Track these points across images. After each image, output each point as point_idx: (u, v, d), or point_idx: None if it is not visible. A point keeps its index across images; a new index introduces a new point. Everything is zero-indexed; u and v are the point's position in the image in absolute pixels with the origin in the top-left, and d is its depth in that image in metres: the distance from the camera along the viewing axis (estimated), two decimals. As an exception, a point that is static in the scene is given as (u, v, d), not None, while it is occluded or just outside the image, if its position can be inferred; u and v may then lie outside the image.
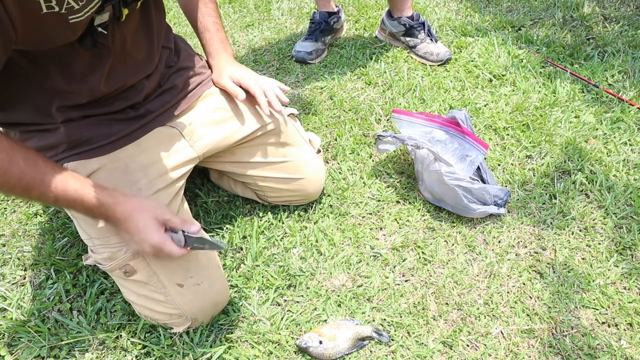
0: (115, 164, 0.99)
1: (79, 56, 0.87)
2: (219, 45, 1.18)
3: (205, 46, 1.20)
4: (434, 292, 1.11)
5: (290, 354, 1.02)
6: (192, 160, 1.10)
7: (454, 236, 1.23)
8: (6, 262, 1.25)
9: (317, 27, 1.99)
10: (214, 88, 1.18)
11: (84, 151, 0.98)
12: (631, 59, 1.79)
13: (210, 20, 1.17)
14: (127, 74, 0.97)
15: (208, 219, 1.32)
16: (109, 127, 1.00)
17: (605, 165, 1.38)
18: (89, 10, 0.78)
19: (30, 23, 0.72)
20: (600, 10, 2.17)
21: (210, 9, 1.18)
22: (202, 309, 1.01)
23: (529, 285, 1.11)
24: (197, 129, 1.10)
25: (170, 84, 1.09)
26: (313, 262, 1.19)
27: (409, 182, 1.39)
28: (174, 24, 2.47)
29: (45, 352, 1.04)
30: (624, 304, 1.06)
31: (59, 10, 0.73)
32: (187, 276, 0.99)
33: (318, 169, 1.27)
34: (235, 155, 1.20)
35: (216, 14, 1.19)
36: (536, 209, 1.28)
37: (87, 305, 1.12)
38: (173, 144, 1.07)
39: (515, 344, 1.01)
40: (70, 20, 0.77)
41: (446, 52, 1.86)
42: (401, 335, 1.04)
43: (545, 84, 1.72)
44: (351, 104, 1.71)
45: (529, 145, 1.47)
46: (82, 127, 0.97)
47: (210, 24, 1.17)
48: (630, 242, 1.18)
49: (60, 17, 0.75)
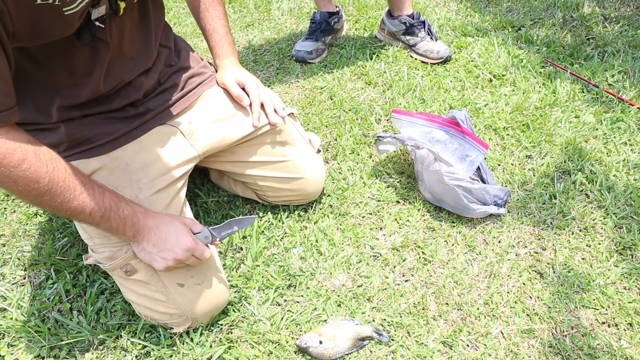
0: (115, 163, 0.99)
1: (79, 52, 0.87)
2: (227, 48, 1.20)
3: (213, 48, 1.21)
4: (434, 292, 1.11)
5: (290, 354, 1.02)
6: (193, 159, 1.10)
7: (454, 236, 1.23)
8: (6, 262, 1.25)
9: (317, 27, 1.99)
10: (215, 88, 1.18)
11: (84, 150, 0.98)
12: (631, 59, 1.80)
13: (220, 23, 1.19)
14: (124, 69, 0.97)
15: (208, 219, 1.32)
16: (109, 126, 1.00)
17: (605, 165, 1.38)
18: (82, 1, 0.78)
19: (25, 14, 0.72)
20: (600, 10, 2.17)
21: (219, 11, 1.19)
22: (202, 309, 1.01)
23: (529, 285, 1.11)
24: (198, 128, 1.11)
25: (171, 83, 1.10)
26: (313, 262, 1.19)
27: (409, 182, 1.39)
28: (174, 24, 2.47)
29: (45, 352, 1.04)
30: (624, 304, 1.06)
31: (53, 2, 0.73)
32: (188, 276, 0.99)
33: (318, 168, 1.27)
34: (235, 155, 1.20)
35: (225, 17, 1.21)
36: (536, 209, 1.28)
37: (87, 305, 1.12)
38: (173, 143, 1.07)
39: (515, 344, 1.01)
40: (65, 12, 0.76)
41: (446, 50, 1.86)
42: (401, 335, 1.04)
43: (545, 84, 1.72)
44: (351, 104, 1.71)
45: (529, 145, 1.47)
46: (82, 126, 0.97)
47: (219, 27, 1.19)
48: (630, 242, 1.18)
49: (55, 9, 0.75)
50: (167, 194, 1.02)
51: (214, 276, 1.03)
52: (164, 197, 1.02)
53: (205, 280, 1.01)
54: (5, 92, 0.72)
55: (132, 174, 0.99)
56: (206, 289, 1.01)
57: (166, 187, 1.02)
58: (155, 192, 1.00)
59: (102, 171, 0.98)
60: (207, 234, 0.96)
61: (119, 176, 0.98)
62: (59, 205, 0.79)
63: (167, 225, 0.92)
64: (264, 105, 1.17)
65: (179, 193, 1.06)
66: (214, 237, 0.98)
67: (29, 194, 0.76)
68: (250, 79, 1.18)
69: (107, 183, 0.94)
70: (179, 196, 1.06)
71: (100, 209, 0.84)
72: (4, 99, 0.72)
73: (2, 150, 0.72)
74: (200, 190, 1.40)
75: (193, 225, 0.96)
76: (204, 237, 0.96)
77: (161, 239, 0.90)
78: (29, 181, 0.74)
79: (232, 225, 0.99)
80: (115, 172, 0.99)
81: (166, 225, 0.92)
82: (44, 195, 0.77)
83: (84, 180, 0.83)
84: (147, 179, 1.00)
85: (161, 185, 1.01)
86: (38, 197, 0.77)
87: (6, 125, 0.73)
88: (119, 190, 0.96)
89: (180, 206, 1.06)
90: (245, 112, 1.17)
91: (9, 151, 0.72)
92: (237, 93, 1.15)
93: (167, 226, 0.92)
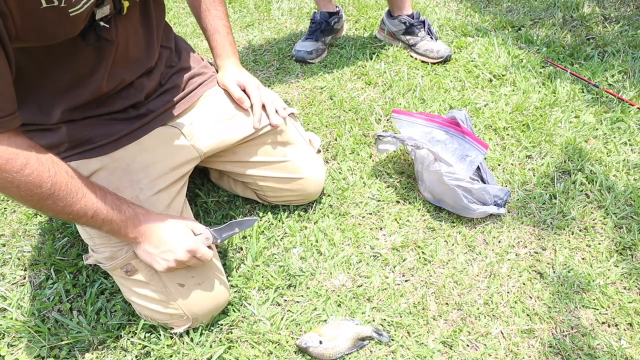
0: (116, 163, 0.99)
1: (83, 53, 0.87)
2: (229, 48, 1.20)
3: (215, 48, 1.21)
4: (434, 292, 1.11)
5: (290, 354, 1.02)
6: (194, 159, 1.10)
7: (454, 236, 1.23)
8: (6, 262, 1.25)
9: (317, 27, 1.99)
10: (215, 88, 1.19)
11: (85, 150, 0.98)
12: (631, 59, 1.80)
13: (221, 23, 1.18)
14: (127, 69, 0.97)
15: (208, 219, 1.32)
16: (110, 127, 1.00)
17: (605, 165, 1.38)
18: (87, 2, 0.78)
19: (30, 18, 0.72)
20: (600, 10, 2.17)
21: (220, 11, 1.19)
22: (202, 309, 1.01)
23: (529, 285, 1.11)
24: (199, 128, 1.11)
25: (172, 83, 1.10)
26: (313, 262, 1.19)
27: (409, 182, 1.39)
28: (174, 24, 2.47)
29: (45, 352, 1.04)
30: (624, 304, 1.06)
31: (58, 4, 0.73)
32: (188, 276, 0.99)
33: (318, 169, 1.27)
34: (236, 155, 1.20)
35: (226, 17, 1.20)
36: (536, 209, 1.28)
37: (87, 305, 1.12)
38: (175, 143, 1.07)
39: (515, 344, 1.01)
40: (71, 14, 0.76)
41: (446, 50, 1.86)
42: (401, 335, 1.04)
43: (545, 84, 1.72)
44: (351, 104, 1.70)
45: (529, 145, 1.47)
46: (83, 127, 0.97)
47: (220, 27, 1.18)
48: (630, 242, 1.18)
49: (61, 11, 0.75)
50: (168, 194, 1.02)
51: (215, 276, 1.03)
52: (165, 197, 1.02)
53: (205, 280, 1.01)
54: (7, 97, 0.72)
55: (133, 174, 0.99)
56: (207, 289, 1.01)
57: (167, 187, 1.03)
58: (156, 192, 1.00)
59: (103, 171, 0.98)
60: (208, 235, 0.96)
61: (119, 176, 0.98)
62: (61, 209, 0.79)
63: (168, 227, 0.92)
64: (265, 106, 1.17)
65: (180, 193, 1.06)
66: (215, 238, 0.98)
67: (31, 198, 0.76)
68: (251, 80, 1.18)
69: (108, 183, 0.94)
70: (179, 196, 1.06)
71: (102, 212, 0.84)
72: (4, 104, 0.72)
73: (5, 156, 0.72)
74: (200, 190, 1.40)
75: (194, 226, 0.96)
76: (205, 238, 0.96)
77: (163, 240, 0.90)
78: (32, 186, 0.74)
79: (233, 227, 1.00)
80: (116, 172, 0.99)
81: (168, 226, 0.92)
82: (47, 200, 0.77)
83: (86, 183, 0.83)
84: (148, 179, 1.00)
85: (162, 185, 1.01)
86: (40, 202, 0.77)
87: (8, 130, 0.73)
88: (119, 190, 0.96)
89: (181, 206, 1.06)
90: (246, 113, 1.18)
91: (12, 157, 0.72)
92: (238, 95, 1.15)
93: (169, 227, 0.92)
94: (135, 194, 0.98)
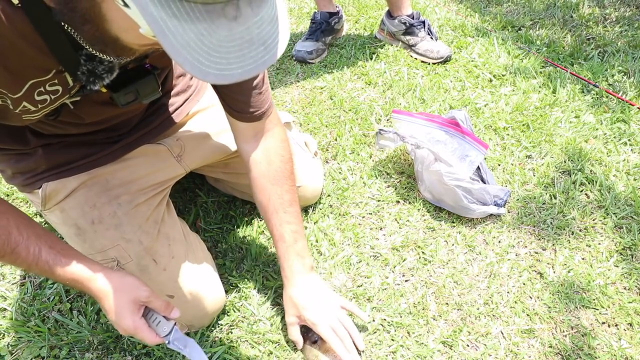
0: (94, 179, 0.97)
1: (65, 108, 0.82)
2: (295, 260, 1.01)
3: (280, 258, 1.03)
4: (434, 292, 1.11)
5: (290, 353, 1.02)
6: (178, 175, 1.08)
7: (454, 236, 1.23)
8: (6, 262, 1.25)
9: (318, 27, 1.99)
10: (201, 103, 1.14)
11: (63, 170, 0.95)
12: (631, 59, 1.80)
13: (289, 229, 1.00)
14: (113, 116, 0.93)
15: (208, 219, 1.32)
16: (90, 148, 0.96)
17: (605, 166, 1.38)
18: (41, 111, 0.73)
19: None
20: (600, 10, 2.17)
21: (290, 214, 1.01)
22: (195, 317, 1.01)
23: (529, 285, 1.11)
24: (185, 145, 1.08)
25: (156, 106, 1.06)
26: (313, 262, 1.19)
27: (409, 182, 1.39)
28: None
29: (45, 352, 1.04)
30: (624, 304, 1.05)
31: (13, 109, 0.69)
32: (177, 287, 0.98)
33: (315, 175, 1.25)
34: (229, 167, 1.19)
35: (297, 220, 1.03)
36: (536, 209, 1.28)
37: (87, 305, 1.12)
38: (159, 160, 1.04)
39: (515, 344, 1.01)
40: (24, 118, 0.73)
41: (447, 50, 1.86)
42: (401, 335, 1.04)
43: (545, 84, 1.72)
44: (351, 104, 1.70)
45: (529, 145, 1.47)
46: (61, 150, 0.93)
47: (287, 234, 1.00)
48: (630, 242, 1.18)
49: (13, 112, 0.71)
50: (148, 207, 1.00)
51: (207, 285, 1.02)
52: (144, 209, 0.99)
53: (198, 289, 1.00)
54: None
55: (112, 190, 0.97)
56: (199, 299, 0.99)
57: (146, 201, 1.00)
58: (135, 206, 0.98)
59: (81, 188, 0.95)
60: (166, 328, 0.82)
61: (96, 193, 0.95)
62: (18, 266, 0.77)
63: (109, 301, 0.80)
64: (338, 335, 0.98)
65: (161, 203, 1.04)
66: (167, 335, 0.82)
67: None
68: (322, 317, 0.98)
69: (86, 200, 0.92)
70: (160, 206, 1.03)
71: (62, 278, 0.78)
72: None
73: None
74: (200, 190, 1.39)
75: (150, 301, 0.82)
76: (161, 328, 0.82)
77: (109, 310, 0.81)
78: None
79: (186, 345, 0.84)
80: (93, 188, 0.96)
81: (109, 300, 0.81)
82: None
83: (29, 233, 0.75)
84: (127, 195, 0.98)
85: (141, 199, 0.99)
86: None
87: None
88: (97, 207, 0.93)
89: (161, 216, 1.02)
90: None
91: None
92: (296, 338, 1.01)
93: (110, 302, 0.80)
94: (113, 209, 0.96)
